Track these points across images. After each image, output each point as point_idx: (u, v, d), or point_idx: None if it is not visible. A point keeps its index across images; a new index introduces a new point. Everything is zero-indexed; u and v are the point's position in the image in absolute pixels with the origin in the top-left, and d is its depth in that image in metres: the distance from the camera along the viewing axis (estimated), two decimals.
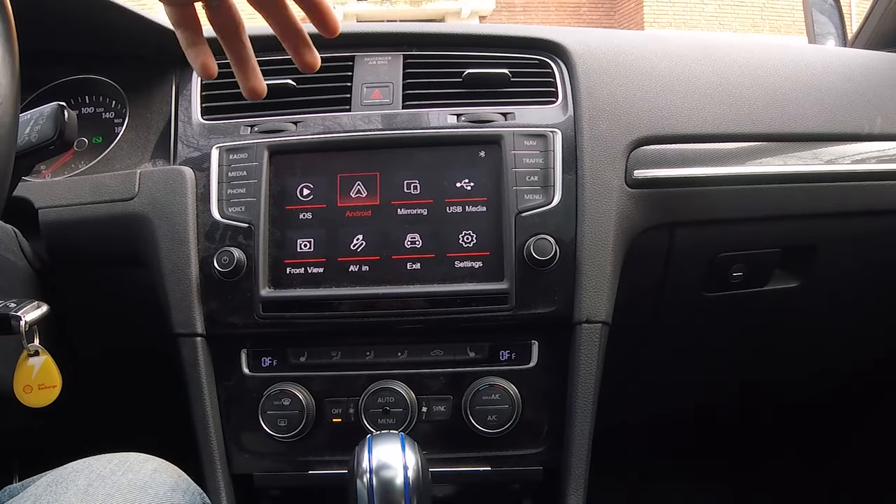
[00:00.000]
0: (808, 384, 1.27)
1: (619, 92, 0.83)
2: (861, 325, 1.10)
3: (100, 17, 0.86)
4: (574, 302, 0.77)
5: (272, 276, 0.77)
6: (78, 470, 0.58)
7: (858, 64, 0.97)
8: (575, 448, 0.77)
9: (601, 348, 0.77)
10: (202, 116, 0.85)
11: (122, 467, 0.58)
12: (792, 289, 0.94)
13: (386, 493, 0.60)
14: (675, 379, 1.13)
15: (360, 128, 0.82)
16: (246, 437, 0.80)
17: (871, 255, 0.97)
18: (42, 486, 0.56)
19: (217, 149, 0.80)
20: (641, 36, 1.04)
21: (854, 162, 0.90)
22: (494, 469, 0.79)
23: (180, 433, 0.82)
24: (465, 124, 0.81)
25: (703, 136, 0.84)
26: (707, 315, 0.98)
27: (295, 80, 0.84)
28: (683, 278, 0.90)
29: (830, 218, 0.90)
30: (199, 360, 0.78)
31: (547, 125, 0.81)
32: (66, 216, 0.82)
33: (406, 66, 0.87)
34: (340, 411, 0.79)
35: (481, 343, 0.79)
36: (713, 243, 0.88)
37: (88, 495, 0.55)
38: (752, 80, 0.89)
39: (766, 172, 0.86)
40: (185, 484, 0.60)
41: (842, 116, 0.89)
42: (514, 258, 0.75)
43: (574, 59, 0.85)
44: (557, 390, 0.79)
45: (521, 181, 0.77)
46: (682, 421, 1.41)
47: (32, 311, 0.68)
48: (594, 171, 0.78)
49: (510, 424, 0.77)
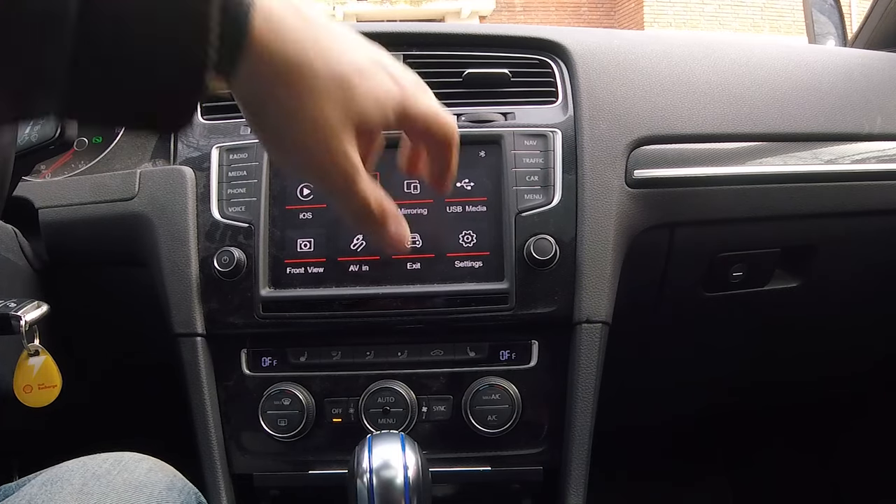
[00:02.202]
0: (808, 384, 1.27)
1: (619, 92, 0.83)
2: (861, 325, 1.10)
3: None
4: (574, 302, 0.77)
5: (272, 276, 0.77)
6: (73, 469, 0.57)
7: (858, 64, 0.97)
8: (575, 448, 0.77)
9: (601, 348, 0.77)
10: (202, 116, 0.85)
11: (118, 467, 0.58)
12: (792, 289, 0.94)
13: (386, 492, 0.60)
14: (675, 378, 1.13)
15: None
16: (246, 437, 0.80)
17: (872, 255, 0.97)
18: (37, 486, 0.56)
19: (217, 148, 0.80)
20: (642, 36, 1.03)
21: (854, 162, 0.90)
22: (494, 469, 0.79)
23: (179, 433, 0.82)
24: (465, 124, 0.81)
25: (703, 136, 0.84)
26: (707, 315, 0.98)
27: None
28: (683, 278, 0.90)
29: (830, 218, 0.90)
30: (199, 360, 0.78)
31: (547, 125, 0.81)
32: (66, 216, 0.82)
33: (406, 65, 0.87)
34: (340, 411, 0.79)
35: (481, 343, 0.79)
36: (713, 243, 0.88)
37: (83, 495, 0.55)
38: (752, 80, 0.89)
39: (766, 172, 0.86)
40: (180, 483, 0.60)
41: (842, 116, 0.89)
42: (514, 258, 0.76)
43: (574, 59, 0.85)
44: (557, 390, 0.79)
45: (521, 181, 0.77)
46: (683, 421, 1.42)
47: (32, 311, 0.68)
48: (594, 171, 0.78)
49: (510, 424, 0.77)
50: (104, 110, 0.34)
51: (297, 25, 0.39)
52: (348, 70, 0.40)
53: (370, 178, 0.44)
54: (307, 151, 0.41)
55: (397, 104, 0.43)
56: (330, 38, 0.40)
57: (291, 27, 0.38)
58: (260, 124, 0.42)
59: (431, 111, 0.46)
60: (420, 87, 0.46)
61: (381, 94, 0.42)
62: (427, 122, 0.45)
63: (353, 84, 0.41)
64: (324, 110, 0.40)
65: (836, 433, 1.44)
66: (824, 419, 1.44)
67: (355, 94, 0.41)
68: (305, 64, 0.39)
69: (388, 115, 0.43)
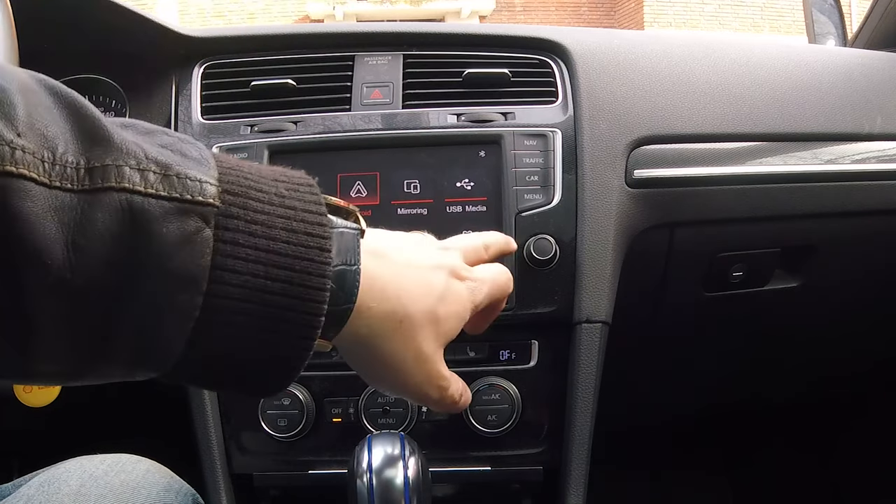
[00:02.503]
0: (808, 383, 1.27)
1: (619, 92, 0.83)
2: (861, 325, 1.10)
3: (100, 18, 0.86)
4: (574, 302, 0.77)
5: None
6: (70, 470, 0.57)
7: (858, 64, 0.97)
8: (575, 448, 0.77)
9: (601, 348, 0.77)
10: (202, 116, 0.85)
11: (115, 468, 0.58)
12: (792, 289, 0.94)
13: (386, 492, 0.60)
14: (675, 378, 1.13)
15: (360, 128, 0.82)
16: (246, 437, 0.80)
17: (872, 255, 0.97)
18: (34, 487, 0.56)
19: (217, 148, 0.80)
20: (642, 36, 1.03)
21: (854, 162, 0.90)
22: (494, 469, 0.79)
23: (179, 433, 0.82)
24: (465, 124, 0.81)
25: (703, 135, 0.84)
26: (707, 315, 0.98)
27: (295, 79, 0.84)
28: (683, 278, 0.90)
29: (830, 218, 0.90)
30: None
31: (547, 125, 0.81)
32: None
33: (406, 65, 0.87)
34: (340, 411, 0.79)
35: (481, 343, 0.79)
36: (713, 243, 0.88)
37: (81, 496, 0.55)
38: (752, 80, 0.88)
39: (766, 172, 0.86)
40: (177, 485, 0.60)
41: (842, 116, 0.89)
42: (514, 258, 0.75)
43: (574, 58, 0.85)
44: (557, 390, 0.79)
45: (521, 181, 0.77)
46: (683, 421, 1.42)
47: None
48: (594, 171, 0.78)
49: (510, 424, 0.77)
50: (203, 385, 0.38)
51: (388, 280, 0.42)
52: (435, 306, 0.44)
53: (452, 375, 0.48)
54: (405, 380, 0.45)
55: (471, 306, 0.47)
56: (418, 275, 0.44)
57: (384, 285, 0.42)
58: (356, 363, 0.46)
59: (494, 289, 0.50)
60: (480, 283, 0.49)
61: (460, 310, 0.46)
62: (493, 297, 0.50)
63: (440, 316, 0.44)
64: (420, 346, 0.44)
65: (836, 433, 1.44)
66: (824, 419, 1.44)
67: (442, 322, 0.45)
68: (400, 312, 0.42)
69: (467, 318, 0.47)
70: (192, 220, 0.32)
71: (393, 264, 0.43)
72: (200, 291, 0.32)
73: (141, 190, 0.31)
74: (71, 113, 0.31)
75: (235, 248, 0.33)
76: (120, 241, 0.30)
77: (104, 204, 0.30)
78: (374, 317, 0.41)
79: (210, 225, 0.33)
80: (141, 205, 0.31)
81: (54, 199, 0.29)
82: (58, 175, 0.29)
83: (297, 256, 0.35)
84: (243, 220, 0.34)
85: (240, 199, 0.34)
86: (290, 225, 0.35)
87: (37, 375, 0.33)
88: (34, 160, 0.28)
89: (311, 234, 0.36)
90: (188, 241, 0.32)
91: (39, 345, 0.30)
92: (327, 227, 0.37)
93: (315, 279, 0.35)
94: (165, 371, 0.34)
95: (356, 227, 0.40)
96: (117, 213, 0.30)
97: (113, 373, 0.34)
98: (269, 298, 0.34)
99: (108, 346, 0.32)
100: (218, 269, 0.33)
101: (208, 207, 0.33)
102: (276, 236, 0.35)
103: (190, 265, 0.32)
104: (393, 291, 0.42)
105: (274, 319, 0.35)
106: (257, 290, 0.34)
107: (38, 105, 0.30)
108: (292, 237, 0.35)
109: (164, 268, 0.31)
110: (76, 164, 0.30)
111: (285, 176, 0.37)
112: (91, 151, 0.30)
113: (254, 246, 0.34)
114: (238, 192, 0.34)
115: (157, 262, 0.31)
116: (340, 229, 0.39)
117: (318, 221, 0.36)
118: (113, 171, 0.30)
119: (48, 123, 0.30)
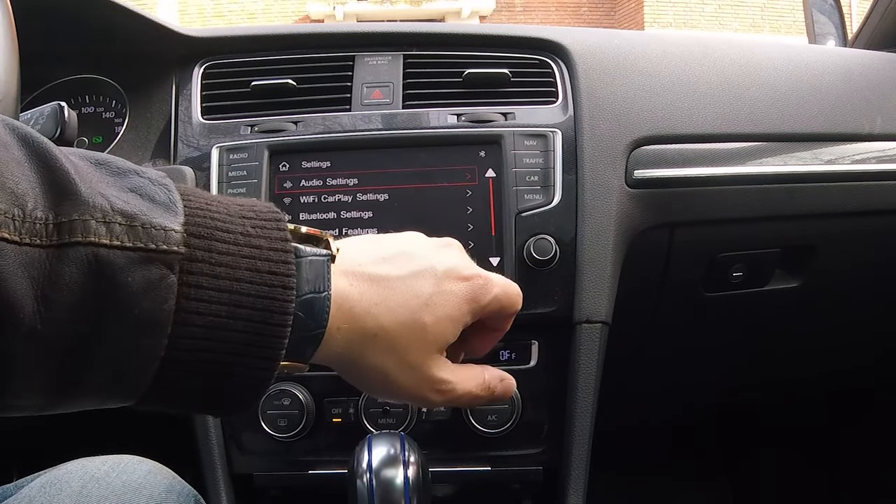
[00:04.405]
0: (808, 383, 1.27)
1: (619, 92, 0.83)
2: (861, 324, 1.10)
3: (100, 17, 0.86)
4: (574, 302, 0.77)
5: None
6: (72, 471, 0.57)
7: (858, 64, 0.97)
8: (575, 448, 0.77)
9: (601, 348, 0.77)
10: (202, 116, 0.85)
11: (117, 469, 0.58)
12: (792, 289, 0.94)
13: (386, 492, 0.60)
14: (675, 378, 1.13)
15: (360, 127, 0.82)
16: (246, 437, 0.80)
17: (872, 255, 0.97)
18: (36, 488, 0.56)
19: (217, 148, 0.80)
20: (642, 36, 1.03)
21: (854, 162, 0.90)
22: (494, 469, 0.79)
23: (179, 433, 0.82)
24: (465, 124, 0.81)
25: (703, 136, 0.84)
26: (707, 315, 0.98)
27: (295, 79, 0.85)
28: (683, 278, 0.90)
29: (830, 218, 0.90)
30: None
31: (547, 125, 0.81)
32: None
33: (406, 65, 0.87)
34: (340, 411, 0.79)
35: None
36: (713, 243, 0.88)
37: (83, 497, 0.55)
38: (752, 80, 0.89)
39: (766, 172, 0.86)
40: (179, 486, 0.60)
41: (842, 116, 0.89)
42: (514, 258, 0.75)
43: (574, 59, 0.85)
44: (557, 390, 0.79)
45: (521, 181, 0.77)
46: (683, 421, 1.42)
47: None
48: (594, 171, 0.78)
49: (510, 424, 0.77)
50: (171, 411, 0.38)
51: (358, 298, 0.42)
52: (418, 314, 0.44)
53: (465, 368, 0.48)
54: (396, 389, 0.46)
55: (470, 308, 0.46)
56: (396, 285, 0.44)
57: (352, 305, 0.42)
58: (346, 376, 0.46)
59: (503, 294, 0.49)
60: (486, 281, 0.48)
61: (452, 312, 0.45)
62: (501, 302, 0.48)
63: (426, 324, 0.44)
64: (403, 356, 0.44)
65: (836, 433, 1.44)
66: (824, 419, 1.44)
67: (430, 329, 0.44)
68: (372, 327, 0.42)
69: (467, 320, 0.47)
70: (155, 267, 0.33)
71: (367, 281, 0.43)
72: (165, 334, 0.34)
73: (106, 243, 0.32)
74: (41, 166, 0.32)
75: (199, 290, 0.34)
76: (86, 292, 0.31)
77: (71, 258, 0.31)
78: (347, 335, 0.42)
79: (174, 271, 0.34)
80: (106, 256, 0.32)
81: (24, 255, 0.30)
82: (27, 231, 0.30)
83: (260, 296, 0.36)
84: (207, 264, 0.35)
85: (205, 242, 0.35)
86: (255, 265, 0.36)
87: (11, 409, 0.34)
88: (5, 219, 0.29)
89: (274, 273, 0.37)
90: (152, 287, 0.33)
91: (17, 385, 0.32)
92: (291, 265, 0.37)
93: (277, 316, 0.36)
94: (134, 402, 0.36)
95: (326, 253, 0.41)
96: (84, 265, 0.31)
97: (84, 404, 0.35)
98: (230, 336, 0.35)
99: (79, 384, 0.34)
100: (182, 312, 0.34)
101: (172, 255, 0.34)
102: (240, 277, 0.36)
103: (154, 311, 0.33)
104: (363, 309, 0.42)
105: (235, 354, 0.36)
106: (219, 328, 0.35)
107: (10, 161, 0.31)
108: (256, 277, 0.36)
109: (130, 314, 0.33)
110: (45, 219, 0.31)
111: (253, 212, 0.38)
112: (59, 206, 0.31)
113: (217, 288, 0.35)
114: (203, 235, 0.35)
115: (123, 310, 0.32)
116: (309, 258, 0.40)
117: (283, 259, 0.37)
118: (79, 226, 0.31)
119: (19, 180, 0.30)
